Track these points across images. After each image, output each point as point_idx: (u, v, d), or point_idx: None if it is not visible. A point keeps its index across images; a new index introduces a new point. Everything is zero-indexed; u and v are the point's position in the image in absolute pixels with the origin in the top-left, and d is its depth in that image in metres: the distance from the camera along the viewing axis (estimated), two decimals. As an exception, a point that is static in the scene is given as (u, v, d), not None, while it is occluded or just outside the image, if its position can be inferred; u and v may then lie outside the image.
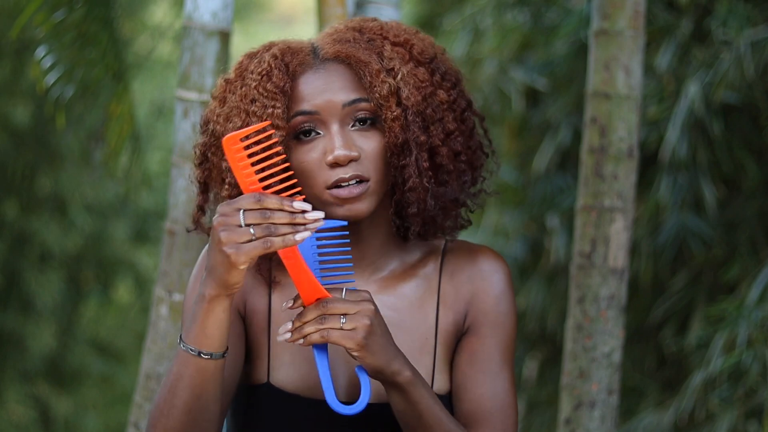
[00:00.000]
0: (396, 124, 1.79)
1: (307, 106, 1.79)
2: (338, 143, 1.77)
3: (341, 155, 1.76)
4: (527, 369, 4.42)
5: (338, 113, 1.78)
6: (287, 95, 1.79)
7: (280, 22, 9.07)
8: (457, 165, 1.85)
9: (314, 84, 1.80)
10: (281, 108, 1.78)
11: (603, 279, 2.66)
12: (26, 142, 5.96)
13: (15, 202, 6.12)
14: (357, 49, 1.81)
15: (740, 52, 3.36)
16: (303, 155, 1.79)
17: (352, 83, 1.80)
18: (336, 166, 1.77)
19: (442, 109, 1.84)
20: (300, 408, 1.82)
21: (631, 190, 2.68)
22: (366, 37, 1.84)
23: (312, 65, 1.82)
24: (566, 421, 2.68)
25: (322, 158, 1.77)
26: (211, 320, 1.67)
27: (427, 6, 5.12)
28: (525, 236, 4.36)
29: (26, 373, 6.23)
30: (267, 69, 1.81)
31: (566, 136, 4.08)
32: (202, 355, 1.68)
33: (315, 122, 1.79)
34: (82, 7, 2.78)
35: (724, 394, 3.19)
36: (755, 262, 3.57)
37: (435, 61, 1.86)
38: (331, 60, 1.82)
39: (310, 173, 1.78)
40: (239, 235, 1.62)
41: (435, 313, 1.86)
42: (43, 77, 2.79)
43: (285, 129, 1.78)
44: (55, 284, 6.18)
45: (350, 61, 1.81)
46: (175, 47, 6.68)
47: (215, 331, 1.68)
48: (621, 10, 2.68)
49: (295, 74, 1.81)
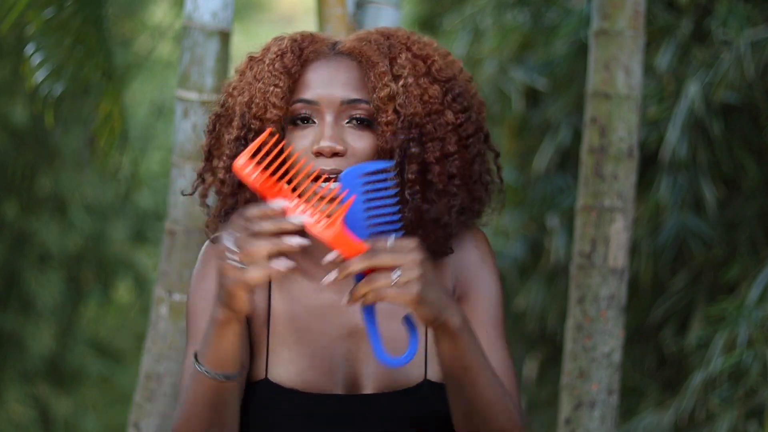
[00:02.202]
0: (388, 129, 1.79)
1: (309, 95, 1.80)
2: (326, 134, 1.78)
3: (326, 146, 1.77)
4: (527, 369, 4.42)
5: (336, 108, 1.80)
6: (293, 78, 1.81)
7: (280, 22, 9.07)
8: (448, 187, 1.84)
9: (320, 74, 1.81)
10: (283, 88, 1.80)
11: (603, 279, 2.66)
12: (26, 142, 5.96)
13: (15, 202, 6.12)
14: (372, 49, 1.82)
15: (740, 52, 3.36)
16: (293, 140, 1.81)
17: (357, 81, 1.81)
18: (320, 155, 1.77)
19: (445, 129, 1.84)
20: (298, 403, 1.82)
21: (631, 190, 2.68)
22: (389, 42, 1.85)
23: (325, 55, 1.83)
24: (566, 421, 2.68)
25: (310, 147, 1.78)
26: (223, 343, 1.68)
27: (427, 6, 5.12)
28: (525, 236, 4.36)
29: (26, 373, 6.23)
30: (282, 50, 1.83)
31: (566, 136, 4.08)
32: (218, 377, 1.69)
33: (313, 111, 1.81)
34: (71, 6, 2.77)
35: (725, 394, 3.19)
36: (755, 262, 3.57)
37: (452, 81, 1.85)
38: (344, 54, 1.83)
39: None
40: (235, 264, 1.61)
41: None
42: (33, 75, 2.78)
43: (283, 110, 1.80)
44: (54, 284, 6.18)
45: (361, 59, 1.82)
46: (175, 47, 6.68)
47: (228, 353, 1.69)
48: (621, 10, 2.68)
49: (306, 60, 1.83)
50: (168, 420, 2.71)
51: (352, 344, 1.85)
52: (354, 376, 1.83)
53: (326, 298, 1.86)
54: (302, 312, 1.85)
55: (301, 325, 1.85)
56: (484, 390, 1.73)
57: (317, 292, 1.86)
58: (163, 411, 2.72)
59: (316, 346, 1.84)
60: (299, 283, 1.86)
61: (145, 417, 2.73)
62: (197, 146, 2.66)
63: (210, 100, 2.68)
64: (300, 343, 1.84)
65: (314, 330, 1.85)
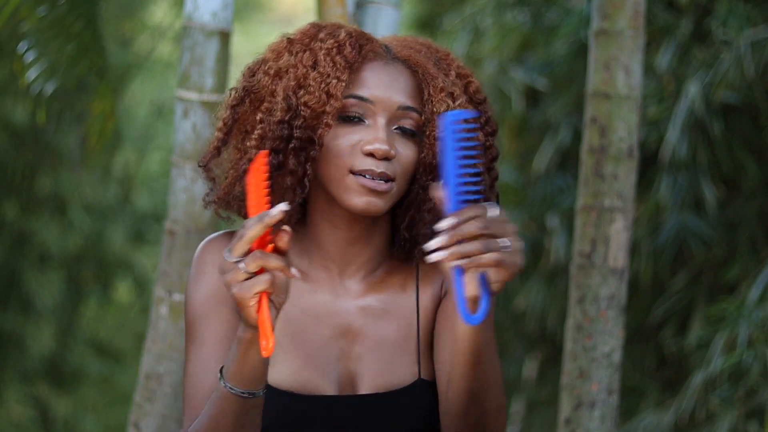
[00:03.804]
0: (436, 144, 1.80)
1: (366, 93, 1.79)
2: (382, 137, 1.77)
3: (382, 149, 1.77)
4: (527, 369, 4.42)
5: (391, 111, 1.79)
6: (352, 73, 1.80)
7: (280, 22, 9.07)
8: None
9: (380, 75, 1.80)
10: (345, 82, 1.78)
11: (603, 279, 2.66)
12: (26, 142, 5.96)
13: (15, 202, 6.12)
14: (428, 61, 1.83)
15: (740, 52, 3.36)
16: (340, 136, 1.79)
17: (413, 91, 1.81)
18: (370, 156, 1.77)
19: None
20: (293, 405, 1.83)
21: (631, 190, 2.68)
22: (435, 56, 1.85)
23: (383, 57, 1.83)
24: (566, 421, 2.68)
25: (358, 144, 1.78)
26: (248, 362, 1.67)
27: (427, 6, 5.12)
28: (525, 236, 4.36)
29: (26, 373, 6.24)
30: (341, 42, 1.81)
31: (566, 136, 4.08)
32: (243, 394, 1.69)
33: (366, 110, 1.79)
34: (65, 4, 2.77)
35: (725, 394, 3.19)
36: (755, 262, 3.57)
37: (484, 104, 1.87)
38: (401, 61, 1.83)
39: (340, 154, 1.78)
40: (235, 274, 1.60)
41: (416, 295, 1.87)
42: (25, 72, 2.78)
43: (339, 102, 1.78)
44: (54, 284, 6.18)
45: (419, 70, 1.82)
46: (175, 47, 6.68)
47: (252, 371, 1.68)
48: (621, 10, 2.68)
49: (365, 58, 1.81)
50: (168, 420, 2.71)
51: (346, 344, 1.85)
52: (348, 376, 1.84)
53: (320, 299, 1.86)
54: (297, 313, 1.86)
55: (296, 326, 1.85)
56: (495, 364, 1.73)
57: (311, 294, 1.86)
58: (163, 411, 2.72)
59: (311, 348, 1.85)
60: (294, 284, 1.86)
61: (145, 417, 2.73)
62: (197, 146, 2.66)
63: (210, 100, 2.68)
64: (294, 344, 1.84)
65: (309, 331, 1.85)
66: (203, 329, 1.84)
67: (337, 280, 1.87)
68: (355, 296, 1.87)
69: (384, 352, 1.85)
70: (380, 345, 1.85)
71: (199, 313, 1.85)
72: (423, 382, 1.85)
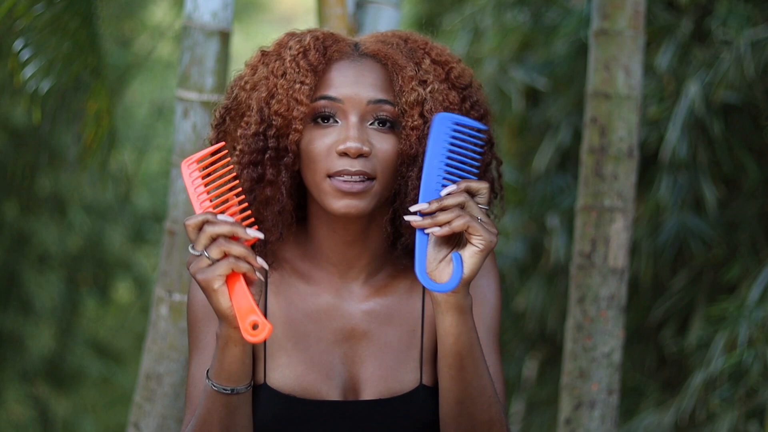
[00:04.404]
0: (413, 134, 1.79)
1: (333, 93, 1.79)
2: (353, 134, 1.77)
3: (353, 147, 1.76)
4: (527, 369, 4.42)
5: (361, 108, 1.79)
6: (318, 76, 1.80)
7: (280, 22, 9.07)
8: None
9: (346, 73, 1.81)
10: (309, 86, 1.79)
11: (603, 279, 2.66)
12: (26, 142, 5.96)
13: (15, 203, 6.12)
14: (397, 52, 1.83)
15: (740, 52, 3.36)
16: (315, 139, 1.79)
17: (383, 83, 1.81)
18: (344, 156, 1.77)
19: None
20: (296, 409, 1.83)
21: (631, 190, 2.68)
22: (409, 46, 1.85)
23: (349, 56, 1.83)
24: (566, 421, 2.68)
25: (333, 146, 1.78)
26: (228, 358, 1.70)
27: (427, 6, 5.12)
28: (525, 236, 4.36)
29: (25, 374, 6.23)
30: (305, 47, 1.82)
31: (566, 136, 4.08)
32: (225, 390, 1.70)
33: (336, 110, 1.79)
34: (62, 2, 2.76)
35: (725, 395, 3.19)
36: (756, 262, 3.57)
37: (469, 89, 1.87)
38: (369, 56, 1.83)
39: (316, 158, 1.78)
40: (199, 261, 1.66)
41: (421, 302, 1.87)
42: (20, 70, 2.78)
43: (307, 107, 1.78)
44: (54, 285, 6.18)
45: (387, 62, 1.82)
46: (175, 47, 6.67)
47: (233, 367, 1.70)
48: (621, 10, 2.68)
49: (331, 59, 1.82)
50: (168, 420, 2.71)
51: (349, 348, 1.85)
52: (351, 380, 1.84)
53: (323, 302, 1.86)
54: (299, 316, 1.86)
55: (299, 329, 1.85)
56: (482, 374, 1.74)
57: (314, 296, 1.86)
58: (163, 411, 2.72)
59: (314, 351, 1.85)
60: (296, 287, 1.86)
61: (145, 417, 2.73)
62: (197, 146, 2.66)
63: (210, 100, 2.68)
64: (297, 347, 1.84)
65: (312, 334, 1.85)
66: (204, 333, 1.85)
67: (339, 283, 1.87)
68: (358, 300, 1.87)
69: (387, 357, 1.85)
70: (383, 350, 1.85)
71: (201, 317, 1.85)
72: (425, 388, 1.85)
